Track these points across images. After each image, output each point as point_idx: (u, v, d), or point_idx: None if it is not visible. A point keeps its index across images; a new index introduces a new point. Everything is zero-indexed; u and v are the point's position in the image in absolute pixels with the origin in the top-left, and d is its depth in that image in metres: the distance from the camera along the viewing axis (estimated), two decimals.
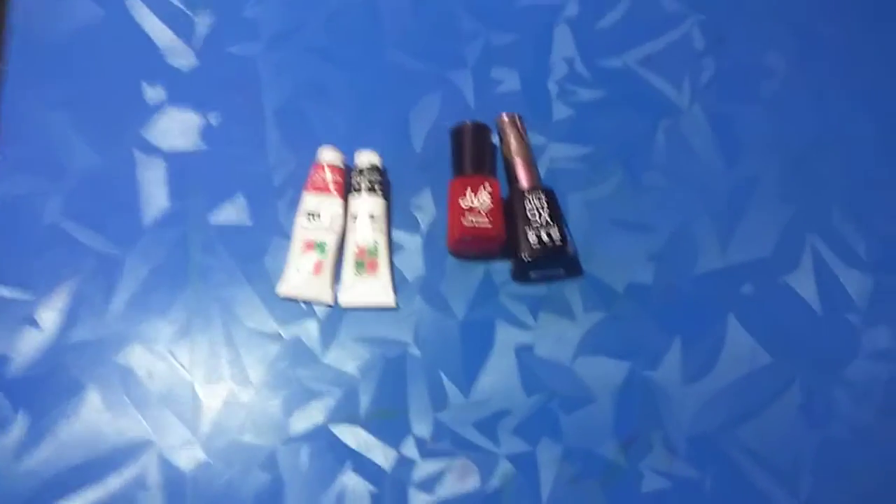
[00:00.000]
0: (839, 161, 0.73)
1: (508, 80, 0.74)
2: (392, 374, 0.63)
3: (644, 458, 0.61)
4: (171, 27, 0.75)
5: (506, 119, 0.70)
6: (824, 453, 0.62)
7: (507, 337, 0.65)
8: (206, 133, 0.71)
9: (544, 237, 0.63)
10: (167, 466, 0.60)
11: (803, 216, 0.70)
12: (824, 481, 0.61)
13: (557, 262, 0.65)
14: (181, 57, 0.74)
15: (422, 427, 0.62)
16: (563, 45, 0.76)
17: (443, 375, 0.63)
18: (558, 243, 0.63)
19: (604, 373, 0.64)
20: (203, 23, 0.75)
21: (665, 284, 0.67)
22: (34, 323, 0.63)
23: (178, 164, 0.69)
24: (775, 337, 0.66)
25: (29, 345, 0.62)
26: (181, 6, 0.76)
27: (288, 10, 0.76)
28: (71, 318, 0.64)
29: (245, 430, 0.61)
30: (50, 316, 0.63)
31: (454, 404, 0.63)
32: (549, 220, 0.64)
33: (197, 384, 0.62)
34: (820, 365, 0.65)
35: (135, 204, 0.68)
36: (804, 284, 0.68)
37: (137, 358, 0.63)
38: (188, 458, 0.60)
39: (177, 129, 0.71)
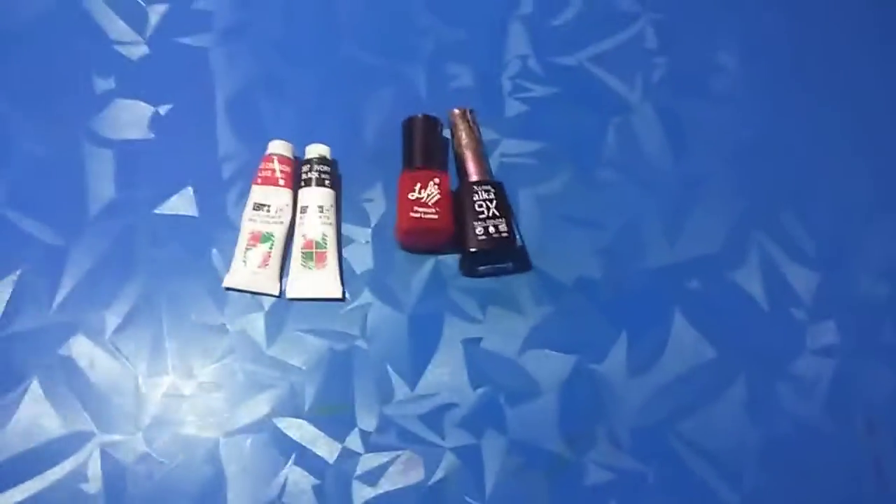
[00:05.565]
0: (788, 159, 0.74)
1: (462, 76, 0.75)
2: (339, 366, 0.63)
3: (588, 451, 0.62)
4: (122, 17, 0.74)
5: (457, 113, 0.70)
6: (768, 448, 0.63)
7: (454, 331, 0.65)
8: (155, 124, 0.70)
9: (491, 229, 0.63)
10: (108, 459, 0.59)
11: (751, 213, 0.71)
12: (767, 475, 0.62)
13: (504, 255, 0.66)
14: (132, 46, 0.73)
15: (367, 420, 0.62)
16: (517, 42, 0.76)
17: (390, 368, 0.63)
18: (504, 235, 0.63)
19: (551, 367, 0.64)
20: (155, 12, 0.74)
21: (613, 279, 0.68)
22: None
23: (126, 155, 0.69)
24: (721, 332, 0.66)
25: None
26: None
27: (242, 3, 0.76)
28: (14, 309, 0.63)
29: (187, 423, 0.60)
30: None
31: (400, 397, 0.63)
32: (496, 212, 0.64)
33: (140, 376, 0.62)
34: (765, 360, 0.66)
35: (82, 194, 0.67)
36: (751, 280, 0.69)
37: (80, 349, 0.62)
38: (129, 450, 0.59)
39: (126, 119, 0.70)
